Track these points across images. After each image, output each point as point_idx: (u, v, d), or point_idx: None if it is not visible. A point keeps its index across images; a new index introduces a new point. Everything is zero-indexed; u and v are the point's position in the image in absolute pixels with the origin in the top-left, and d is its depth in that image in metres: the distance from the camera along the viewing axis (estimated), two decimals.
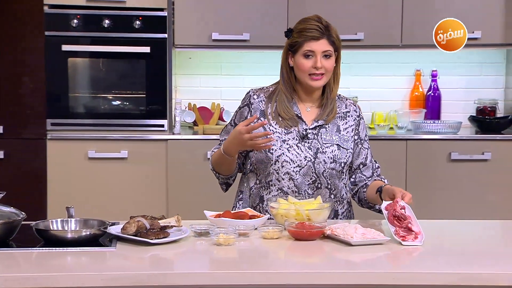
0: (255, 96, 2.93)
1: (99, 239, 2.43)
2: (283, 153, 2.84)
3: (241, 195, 2.97)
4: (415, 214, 2.55)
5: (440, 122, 4.76)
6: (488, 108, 4.85)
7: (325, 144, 2.86)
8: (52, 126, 4.43)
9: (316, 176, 2.84)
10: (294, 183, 2.84)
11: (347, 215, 2.95)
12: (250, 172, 2.94)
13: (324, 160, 2.84)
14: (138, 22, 4.43)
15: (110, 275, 2.11)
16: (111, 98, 4.55)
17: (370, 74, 4.98)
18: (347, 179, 2.95)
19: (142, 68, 4.50)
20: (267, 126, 2.86)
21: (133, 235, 2.40)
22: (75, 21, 4.41)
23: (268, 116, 2.89)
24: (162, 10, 4.46)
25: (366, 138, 2.98)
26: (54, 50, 4.41)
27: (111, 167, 4.45)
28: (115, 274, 2.12)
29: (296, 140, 2.86)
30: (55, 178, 4.44)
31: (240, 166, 2.97)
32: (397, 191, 2.65)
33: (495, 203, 4.49)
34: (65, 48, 4.42)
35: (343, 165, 2.87)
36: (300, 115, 2.89)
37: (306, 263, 2.33)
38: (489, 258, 2.34)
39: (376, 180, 2.92)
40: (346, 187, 2.94)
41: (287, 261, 2.37)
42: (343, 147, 2.88)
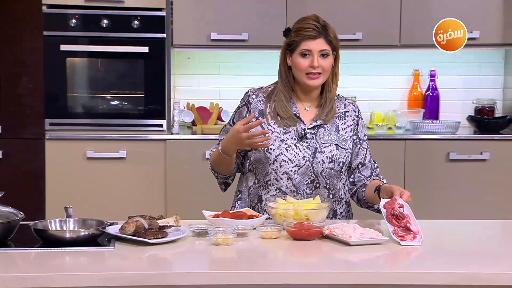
0: (254, 96, 2.93)
1: (97, 239, 2.43)
2: (282, 152, 2.84)
3: (239, 195, 2.97)
4: (413, 214, 2.55)
5: (438, 122, 4.75)
6: (487, 108, 4.85)
7: (323, 144, 2.86)
8: (50, 126, 4.43)
9: (314, 176, 2.84)
10: (292, 183, 2.84)
11: (345, 215, 2.94)
12: (248, 172, 2.94)
13: (322, 160, 2.84)
14: (136, 22, 4.43)
15: (109, 275, 2.11)
16: (109, 98, 4.54)
17: (368, 74, 4.98)
18: (345, 179, 2.94)
19: (141, 68, 4.50)
20: (266, 125, 2.86)
21: (131, 235, 2.40)
22: (74, 21, 4.40)
23: (267, 116, 2.88)
24: (160, 10, 4.45)
25: (365, 138, 2.98)
26: (53, 50, 4.40)
27: (109, 167, 4.45)
28: (113, 274, 2.12)
29: (294, 139, 2.86)
30: (53, 178, 4.43)
31: (239, 166, 2.97)
32: (395, 189, 2.65)
33: (493, 203, 4.49)
34: (63, 48, 4.41)
35: (341, 165, 2.87)
36: (298, 114, 2.88)
37: (304, 263, 2.33)
38: (488, 258, 2.34)
39: (374, 180, 2.92)
40: (344, 187, 2.94)
41: (285, 261, 2.37)
42: (341, 147, 2.88)
